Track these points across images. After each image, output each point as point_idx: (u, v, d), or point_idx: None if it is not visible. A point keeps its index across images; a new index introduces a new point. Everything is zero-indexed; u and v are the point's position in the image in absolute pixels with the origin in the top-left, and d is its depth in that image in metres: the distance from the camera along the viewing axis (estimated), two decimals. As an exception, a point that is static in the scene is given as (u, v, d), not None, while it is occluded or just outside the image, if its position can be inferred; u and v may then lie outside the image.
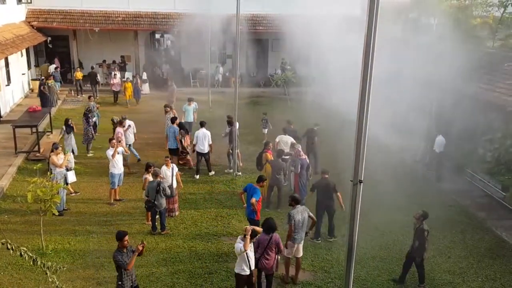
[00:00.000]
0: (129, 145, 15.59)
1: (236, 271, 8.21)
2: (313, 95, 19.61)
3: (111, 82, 24.77)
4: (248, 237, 7.88)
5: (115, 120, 16.12)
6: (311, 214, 9.43)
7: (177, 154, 15.37)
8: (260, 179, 10.72)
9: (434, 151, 15.25)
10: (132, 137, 15.85)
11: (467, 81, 15.49)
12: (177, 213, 12.30)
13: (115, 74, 24.93)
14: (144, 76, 27.43)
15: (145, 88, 26.59)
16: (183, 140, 15.36)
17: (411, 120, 16.88)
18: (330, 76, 17.00)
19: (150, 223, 11.64)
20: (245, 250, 7.81)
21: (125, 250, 7.82)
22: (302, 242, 9.45)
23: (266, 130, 18.06)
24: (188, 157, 15.62)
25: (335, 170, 12.15)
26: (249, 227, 8.23)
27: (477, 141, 14.58)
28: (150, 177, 11.54)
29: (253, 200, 10.20)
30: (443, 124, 15.74)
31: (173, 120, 15.52)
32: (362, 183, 5.22)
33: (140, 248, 7.87)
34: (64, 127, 15.60)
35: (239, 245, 7.96)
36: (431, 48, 20.67)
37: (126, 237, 7.85)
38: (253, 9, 20.51)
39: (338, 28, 15.96)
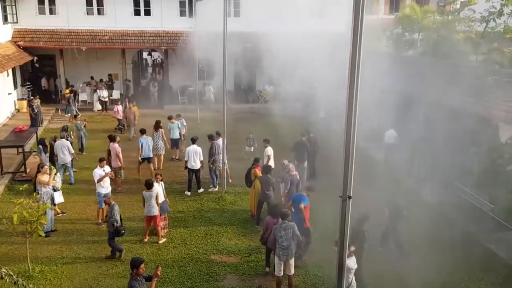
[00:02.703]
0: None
1: None
2: (298, 109, 19.73)
3: (114, 109, 22.53)
4: None
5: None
6: (297, 232, 9.30)
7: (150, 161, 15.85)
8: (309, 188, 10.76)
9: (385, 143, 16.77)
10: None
11: (452, 95, 15.69)
12: (166, 230, 12.16)
13: (118, 101, 23.32)
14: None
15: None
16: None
17: (398, 134, 17.10)
18: (314, 91, 17.18)
19: (147, 239, 11.74)
20: None
21: (139, 278, 7.60)
22: (292, 259, 9.34)
23: (252, 148, 18.06)
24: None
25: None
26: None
27: (464, 154, 14.71)
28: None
29: (302, 205, 10.42)
30: (429, 136, 15.88)
31: (142, 131, 16.38)
32: (351, 199, 5.22)
33: (159, 274, 7.69)
34: (40, 147, 15.34)
35: None
36: (415, 62, 21.00)
37: (142, 265, 7.64)
38: (240, 27, 20.62)
39: (320, 44, 16.14)
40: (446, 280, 10.18)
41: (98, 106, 26.29)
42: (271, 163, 14.77)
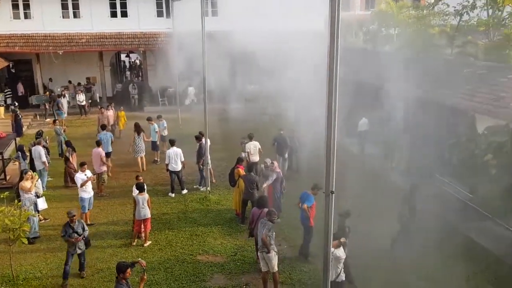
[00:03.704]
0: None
1: None
2: (279, 107, 19.84)
3: (104, 113, 21.15)
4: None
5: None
6: (263, 231, 9.24)
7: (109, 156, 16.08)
8: (315, 187, 10.69)
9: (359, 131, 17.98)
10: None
11: (430, 87, 15.97)
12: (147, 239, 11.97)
13: (108, 106, 22.10)
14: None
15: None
16: (70, 157, 15.33)
17: (379, 128, 17.35)
18: (292, 89, 17.31)
19: (135, 242, 11.66)
20: None
21: (124, 282, 7.54)
22: (270, 256, 9.34)
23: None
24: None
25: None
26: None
27: (442, 146, 14.98)
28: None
29: (305, 206, 10.57)
30: (409, 130, 16.17)
31: (103, 127, 17.27)
32: (334, 194, 5.31)
33: (145, 278, 7.68)
34: (19, 153, 15.11)
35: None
36: (392, 57, 21.27)
37: (129, 269, 7.60)
38: (218, 27, 20.59)
39: (299, 42, 16.24)
40: (429, 269, 10.37)
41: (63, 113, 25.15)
42: (255, 158, 15.07)
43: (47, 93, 26.54)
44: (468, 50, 20.19)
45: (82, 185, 12.38)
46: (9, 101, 25.61)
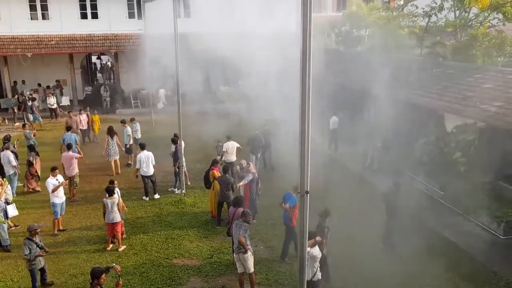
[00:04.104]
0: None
1: None
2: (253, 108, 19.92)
3: (78, 119, 20.48)
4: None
5: None
6: (239, 231, 9.29)
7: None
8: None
9: (330, 129, 18.52)
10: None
11: (400, 87, 16.28)
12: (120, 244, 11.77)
13: (80, 110, 21.52)
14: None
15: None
16: (34, 162, 15.17)
17: (350, 127, 17.59)
18: (266, 89, 17.44)
19: (110, 247, 11.49)
20: None
21: (99, 287, 7.43)
22: (246, 257, 9.35)
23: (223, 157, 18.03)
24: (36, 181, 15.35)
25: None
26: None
27: (413, 145, 15.29)
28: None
29: (287, 206, 10.57)
30: (380, 129, 16.44)
31: (68, 128, 17.45)
32: (308, 194, 5.35)
33: (120, 283, 7.60)
34: None
35: None
36: (363, 57, 21.60)
37: (103, 275, 7.49)
38: (191, 28, 20.47)
39: (271, 43, 16.31)
40: (402, 266, 10.54)
41: (29, 117, 24.23)
42: (232, 158, 15.16)
43: (16, 96, 25.88)
44: (437, 50, 20.71)
45: (53, 191, 12.11)
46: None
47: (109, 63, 37.85)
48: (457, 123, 14.21)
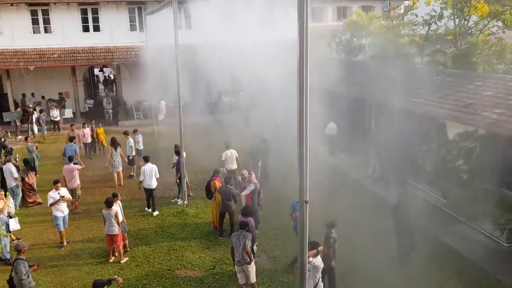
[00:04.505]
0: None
1: None
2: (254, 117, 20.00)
3: (81, 132, 20.51)
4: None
5: None
6: (247, 242, 9.36)
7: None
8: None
9: (327, 135, 18.67)
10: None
11: (401, 95, 16.30)
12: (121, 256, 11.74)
13: (84, 123, 21.60)
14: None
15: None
16: (26, 178, 15.14)
17: (351, 135, 17.60)
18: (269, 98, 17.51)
19: (112, 259, 11.44)
20: None
21: None
22: (248, 267, 9.39)
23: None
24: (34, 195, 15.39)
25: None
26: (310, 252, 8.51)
27: (415, 152, 15.26)
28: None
29: (295, 214, 10.35)
30: (382, 137, 16.44)
31: (71, 139, 17.78)
32: (308, 203, 5.35)
33: None
34: None
35: None
36: (364, 65, 21.68)
37: (106, 287, 7.56)
38: (192, 39, 20.56)
39: (272, 53, 16.40)
40: (406, 274, 10.48)
41: (35, 130, 24.67)
42: (232, 166, 15.28)
43: (19, 109, 26.05)
44: (437, 58, 20.73)
45: (51, 205, 12.12)
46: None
47: (111, 76, 38.09)
48: (458, 131, 14.19)
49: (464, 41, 19.91)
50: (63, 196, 12.27)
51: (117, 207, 11.56)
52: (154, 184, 14.24)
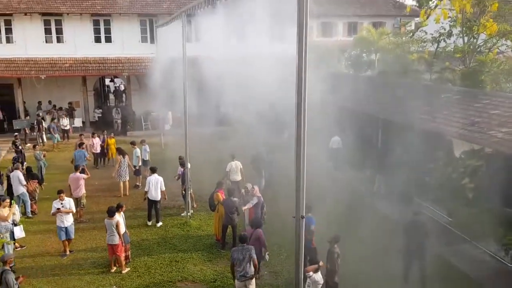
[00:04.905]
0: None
1: None
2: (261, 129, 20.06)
3: (90, 142, 20.41)
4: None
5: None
6: (253, 255, 9.36)
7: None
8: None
9: (331, 148, 19.05)
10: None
11: (407, 112, 16.27)
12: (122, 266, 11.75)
13: (93, 133, 21.33)
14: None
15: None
16: (27, 185, 15.18)
17: (357, 151, 17.53)
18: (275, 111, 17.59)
19: (113, 269, 11.45)
20: None
21: None
22: (250, 282, 9.34)
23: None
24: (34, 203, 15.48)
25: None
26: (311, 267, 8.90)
27: (421, 170, 15.16)
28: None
29: (313, 227, 10.58)
30: (388, 154, 16.37)
31: (80, 145, 18.19)
32: (304, 219, 5.34)
33: None
34: None
35: None
36: (372, 82, 21.69)
37: None
38: (199, 52, 20.72)
39: (279, 66, 16.48)
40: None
41: (44, 139, 25.17)
42: (236, 177, 15.44)
43: (28, 117, 26.36)
44: (446, 75, 20.73)
45: (53, 214, 12.22)
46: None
47: (122, 86, 38.44)
48: (464, 149, 14.10)
49: (472, 59, 19.89)
50: (58, 209, 12.22)
51: (120, 218, 11.59)
52: (158, 196, 14.24)
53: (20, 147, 19.86)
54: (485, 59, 18.93)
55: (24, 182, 14.81)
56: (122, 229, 11.55)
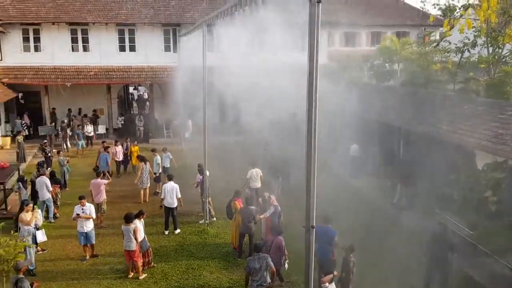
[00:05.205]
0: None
1: None
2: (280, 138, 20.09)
3: (113, 150, 20.47)
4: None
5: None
6: (270, 263, 9.32)
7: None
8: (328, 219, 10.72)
9: (351, 155, 19.30)
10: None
11: (429, 123, 16.06)
12: (152, 264, 12.15)
13: (116, 141, 21.64)
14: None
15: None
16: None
17: (379, 162, 17.37)
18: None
19: (131, 274, 11.60)
20: None
21: None
22: None
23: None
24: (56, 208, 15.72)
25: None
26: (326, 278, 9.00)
27: (442, 182, 14.91)
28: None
29: (336, 240, 10.55)
30: (409, 165, 16.17)
31: (106, 148, 19.21)
32: (314, 229, 5.32)
33: None
34: (19, 184, 15.22)
35: None
36: (395, 91, 21.49)
37: None
38: (220, 62, 20.91)
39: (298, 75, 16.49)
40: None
41: (68, 145, 25.77)
42: (256, 184, 15.61)
43: (53, 123, 27.01)
44: (470, 86, 20.37)
45: (73, 219, 12.48)
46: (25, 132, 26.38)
47: (145, 94, 39.06)
48: (487, 161, 13.82)
49: (497, 69, 19.52)
50: (78, 214, 12.45)
51: (140, 224, 11.73)
52: (175, 203, 14.35)
53: (49, 153, 20.27)
54: (510, 69, 18.55)
55: (51, 188, 15.12)
56: (141, 235, 11.69)
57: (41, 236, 12.47)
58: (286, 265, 11.11)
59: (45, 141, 22.70)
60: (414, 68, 24.47)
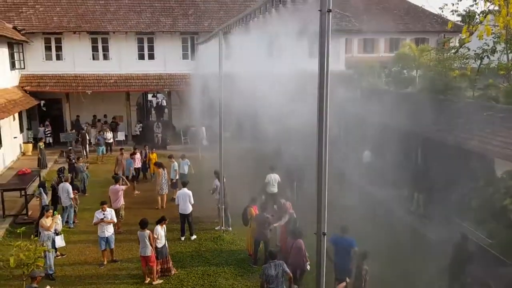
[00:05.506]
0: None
1: None
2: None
3: (124, 155, 20.28)
4: None
5: None
6: (286, 269, 9.35)
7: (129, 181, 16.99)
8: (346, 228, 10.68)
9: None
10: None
11: (448, 130, 15.89)
12: (173, 272, 12.23)
13: (135, 149, 21.37)
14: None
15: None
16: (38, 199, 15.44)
17: (396, 169, 17.21)
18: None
19: (147, 280, 11.71)
20: None
21: None
22: None
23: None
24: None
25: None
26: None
27: (460, 190, 14.72)
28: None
29: (355, 250, 10.46)
30: (426, 172, 16.00)
31: (132, 154, 19.85)
32: (325, 235, 5.34)
33: None
34: (40, 189, 15.52)
35: None
36: (413, 98, 21.30)
37: None
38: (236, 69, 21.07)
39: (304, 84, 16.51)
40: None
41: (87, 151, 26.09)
42: (274, 190, 15.83)
43: (74, 130, 27.52)
44: (489, 93, 20.10)
45: (95, 224, 12.67)
46: (49, 139, 27.33)
47: (163, 101, 39.48)
48: (506, 169, 13.59)
49: (517, 76, 19.25)
50: (102, 219, 12.66)
51: (161, 230, 11.88)
52: (189, 209, 14.47)
53: (73, 160, 20.53)
54: (530, 76, 18.28)
55: (72, 195, 15.37)
56: (162, 241, 11.81)
57: (59, 241, 12.70)
58: (308, 266, 11.07)
59: (70, 147, 23.12)
60: (432, 74, 24.24)
